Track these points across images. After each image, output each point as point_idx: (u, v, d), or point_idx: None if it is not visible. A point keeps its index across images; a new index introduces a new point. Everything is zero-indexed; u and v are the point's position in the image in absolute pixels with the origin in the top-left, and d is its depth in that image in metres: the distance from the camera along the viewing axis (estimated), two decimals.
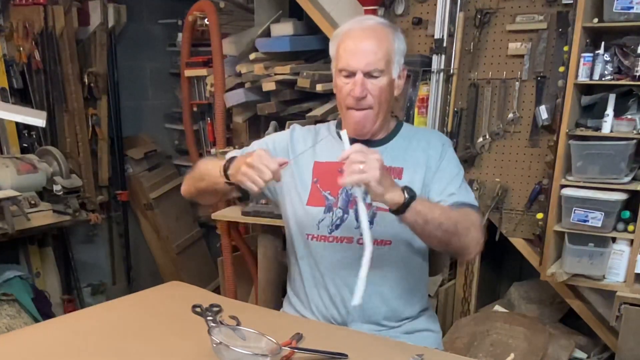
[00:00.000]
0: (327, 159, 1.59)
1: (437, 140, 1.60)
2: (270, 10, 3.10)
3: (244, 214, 2.67)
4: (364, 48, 1.47)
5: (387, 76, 1.49)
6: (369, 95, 1.48)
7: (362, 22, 1.53)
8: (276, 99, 2.93)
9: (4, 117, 2.78)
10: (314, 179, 1.58)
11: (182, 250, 3.93)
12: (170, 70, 4.01)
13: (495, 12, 2.38)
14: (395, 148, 1.58)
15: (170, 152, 4.11)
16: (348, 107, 1.51)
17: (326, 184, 1.57)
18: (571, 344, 2.36)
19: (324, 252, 1.55)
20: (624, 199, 2.07)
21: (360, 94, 1.47)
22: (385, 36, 1.49)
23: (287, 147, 1.63)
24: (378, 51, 1.47)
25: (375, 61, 1.46)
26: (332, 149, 1.59)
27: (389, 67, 1.49)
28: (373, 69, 1.47)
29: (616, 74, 2.09)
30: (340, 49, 1.51)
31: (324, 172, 1.58)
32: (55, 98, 3.21)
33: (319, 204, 1.56)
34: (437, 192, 1.52)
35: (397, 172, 1.55)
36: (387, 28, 1.52)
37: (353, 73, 1.48)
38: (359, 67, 1.46)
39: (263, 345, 1.22)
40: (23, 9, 3.08)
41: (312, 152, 1.60)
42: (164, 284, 1.78)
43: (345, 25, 1.54)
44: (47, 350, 1.31)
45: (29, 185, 2.70)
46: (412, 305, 1.60)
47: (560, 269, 2.19)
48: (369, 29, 1.50)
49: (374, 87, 1.48)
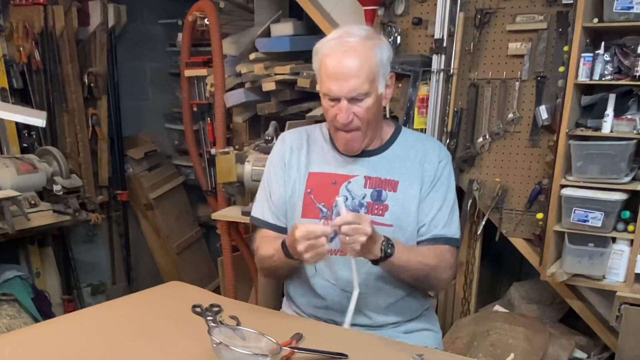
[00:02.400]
0: (321, 169, 1.57)
1: (434, 155, 1.57)
2: (270, 10, 3.10)
3: (244, 214, 2.67)
4: (345, 73, 1.41)
5: (373, 95, 1.45)
6: (355, 119, 1.46)
7: (342, 40, 1.44)
8: (276, 99, 2.94)
9: (4, 117, 2.78)
10: (308, 189, 1.57)
11: (182, 250, 3.92)
12: (170, 70, 4.00)
13: (495, 12, 2.38)
14: (392, 158, 1.56)
15: (170, 152, 4.11)
16: (336, 128, 1.50)
17: (320, 195, 1.55)
18: (571, 344, 2.36)
19: (320, 264, 1.53)
20: (624, 199, 2.07)
21: (345, 120, 1.44)
22: (367, 54, 1.42)
23: (282, 160, 1.62)
24: (360, 74, 1.41)
25: (359, 86, 1.41)
26: (326, 157, 1.58)
27: (373, 85, 1.44)
28: (356, 95, 1.42)
29: (616, 74, 2.08)
30: (321, 71, 1.46)
31: (318, 183, 1.56)
32: (55, 98, 3.21)
33: (313, 216, 1.54)
34: (424, 215, 1.53)
35: (393, 185, 1.53)
36: (368, 42, 1.44)
37: (337, 99, 1.44)
38: (342, 94, 1.42)
39: (263, 345, 1.23)
40: (23, 9, 3.08)
41: (306, 160, 1.59)
42: (164, 284, 1.79)
43: (325, 41, 1.47)
44: (47, 350, 1.31)
45: (29, 185, 2.70)
46: (412, 306, 1.60)
47: (560, 269, 2.19)
48: (350, 50, 1.41)
49: (360, 110, 1.45)
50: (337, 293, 1.54)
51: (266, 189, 1.64)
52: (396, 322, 1.58)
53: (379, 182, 1.53)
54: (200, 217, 4.07)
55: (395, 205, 1.52)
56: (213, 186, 3.35)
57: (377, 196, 1.52)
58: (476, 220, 2.55)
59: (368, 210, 1.51)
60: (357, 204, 1.52)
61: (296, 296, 1.64)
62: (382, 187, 1.53)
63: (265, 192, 1.64)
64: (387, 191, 1.52)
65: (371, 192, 1.53)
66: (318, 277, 1.56)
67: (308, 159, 1.59)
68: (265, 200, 1.63)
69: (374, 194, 1.53)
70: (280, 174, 1.60)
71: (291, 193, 1.58)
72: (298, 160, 1.60)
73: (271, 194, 1.62)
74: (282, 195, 1.60)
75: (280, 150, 1.64)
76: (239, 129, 3.25)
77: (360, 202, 1.53)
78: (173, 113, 4.02)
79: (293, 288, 1.65)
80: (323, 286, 1.55)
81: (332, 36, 1.47)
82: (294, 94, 2.91)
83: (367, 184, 1.54)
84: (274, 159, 1.65)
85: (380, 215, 1.51)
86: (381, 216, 1.51)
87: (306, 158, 1.59)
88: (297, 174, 1.58)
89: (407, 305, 1.58)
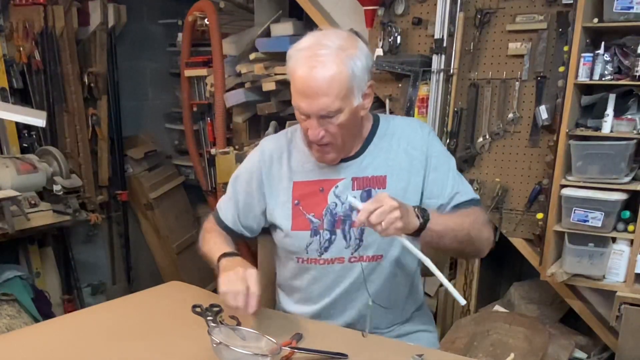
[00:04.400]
0: (305, 177, 1.51)
1: (417, 137, 1.51)
2: (270, 10, 3.10)
3: None
4: (314, 91, 1.32)
5: (346, 110, 1.36)
6: (326, 136, 1.38)
7: (312, 53, 1.33)
8: (276, 99, 2.94)
9: (4, 117, 2.78)
10: (295, 201, 1.51)
11: (182, 250, 3.92)
12: (170, 70, 4.00)
13: (495, 12, 2.38)
14: (375, 154, 1.50)
15: (170, 152, 4.11)
16: (309, 141, 1.44)
17: (309, 205, 1.49)
18: (571, 344, 2.36)
19: (316, 274, 1.52)
20: (624, 199, 2.07)
21: (315, 137, 1.38)
22: (338, 67, 1.31)
23: (260, 173, 1.55)
24: (330, 92, 1.31)
25: (329, 104, 1.32)
26: (308, 164, 1.51)
27: (347, 100, 1.35)
28: (327, 113, 1.34)
29: (616, 74, 2.08)
30: (292, 83, 1.37)
31: (304, 192, 1.50)
32: (55, 98, 3.21)
33: (304, 227, 1.49)
34: (437, 196, 1.48)
35: (381, 181, 1.48)
36: (341, 54, 1.32)
37: (307, 115, 1.37)
38: (311, 112, 1.35)
39: (263, 345, 1.22)
40: (23, 9, 3.07)
41: (288, 170, 1.52)
42: (164, 284, 1.78)
43: (296, 49, 1.37)
44: (47, 350, 1.31)
45: (29, 185, 2.70)
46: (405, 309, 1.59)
47: (560, 269, 2.19)
48: (319, 65, 1.31)
49: (332, 127, 1.37)
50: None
51: (235, 192, 1.60)
52: (389, 327, 1.56)
53: (366, 182, 1.48)
54: (200, 217, 4.07)
55: None
56: (213, 186, 3.35)
57: (367, 196, 1.46)
58: None
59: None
60: (348, 208, 1.47)
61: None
62: (371, 186, 1.48)
63: (234, 194, 1.60)
64: (376, 189, 1.48)
65: (360, 193, 1.48)
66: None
67: (290, 167, 1.52)
68: (232, 202, 1.60)
69: (363, 195, 1.47)
70: (255, 186, 1.55)
71: (275, 205, 1.53)
72: (279, 170, 1.53)
73: (238, 201, 1.58)
74: (251, 206, 1.57)
75: (259, 161, 1.56)
76: (239, 129, 3.25)
77: (351, 206, 1.46)
78: (173, 113, 4.02)
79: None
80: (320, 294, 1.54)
81: (303, 44, 1.37)
82: None
83: (355, 186, 1.48)
84: (249, 168, 1.58)
85: None
86: None
87: (288, 167, 1.52)
88: (281, 185, 1.52)
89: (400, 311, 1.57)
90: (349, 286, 1.50)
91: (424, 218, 1.31)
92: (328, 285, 1.52)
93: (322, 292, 1.53)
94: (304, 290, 1.56)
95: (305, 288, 1.55)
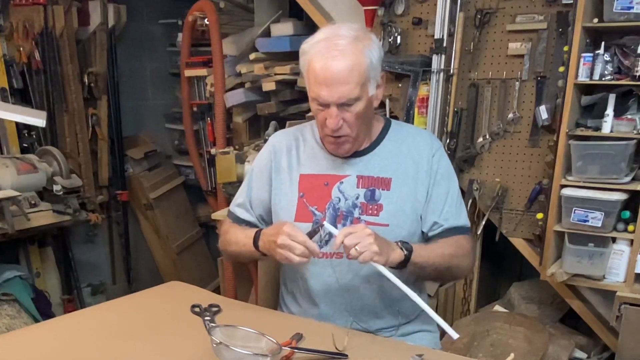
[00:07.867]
0: (312, 170, 1.54)
1: (427, 148, 1.53)
2: (270, 10, 3.10)
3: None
4: (334, 79, 1.35)
5: (363, 98, 1.40)
6: (344, 126, 1.42)
7: (330, 43, 1.37)
8: (276, 99, 2.94)
9: (4, 117, 2.78)
10: (300, 193, 1.53)
11: (182, 250, 3.92)
12: (170, 70, 4.00)
13: (495, 12, 2.38)
14: (383, 155, 1.52)
15: (170, 152, 4.11)
16: (325, 134, 1.48)
17: (313, 198, 1.52)
18: (571, 344, 2.36)
19: (314, 268, 1.52)
20: (624, 199, 2.07)
21: (335, 126, 1.41)
22: (357, 57, 1.36)
23: (270, 166, 1.59)
24: (350, 79, 1.36)
25: (349, 91, 1.37)
26: (316, 158, 1.55)
27: (364, 89, 1.39)
28: (347, 100, 1.38)
29: (616, 74, 2.08)
30: (309, 74, 1.41)
31: (310, 185, 1.53)
32: (55, 98, 3.21)
33: (306, 219, 1.51)
34: (433, 212, 1.51)
35: (386, 183, 1.50)
36: (358, 44, 1.37)
37: (326, 104, 1.40)
38: (332, 100, 1.38)
39: (263, 345, 1.22)
40: (23, 9, 3.08)
41: (297, 162, 1.56)
42: (164, 284, 1.78)
43: (312, 42, 1.41)
44: (47, 350, 1.31)
45: (29, 185, 2.70)
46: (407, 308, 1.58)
47: (560, 269, 2.19)
48: (339, 55, 1.35)
49: (350, 116, 1.41)
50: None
51: (249, 188, 1.63)
52: (392, 326, 1.56)
53: (371, 181, 1.50)
54: (200, 217, 4.07)
55: (389, 204, 1.49)
56: (213, 186, 3.35)
57: (371, 196, 1.49)
58: (476, 220, 2.54)
59: (362, 211, 1.49)
60: (351, 205, 1.49)
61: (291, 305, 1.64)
62: (375, 186, 1.50)
63: (248, 191, 1.63)
64: (380, 190, 1.49)
65: (364, 191, 1.49)
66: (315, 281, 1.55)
67: (298, 160, 1.56)
68: (246, 196, 1.63)
69: (367, 194, 1.49)
70: (265, 179, 1.59)
71: (282, 196, 1.56)
72: (289, 162, 1.57)
73: (252, 197, 1.62)
74: (263, 199, 1.60)
75: (269, 153, 1.61)
76: (239, 129, 3.25)
77: (354, 203, 1.49)
78: (173, 113, 4.02)
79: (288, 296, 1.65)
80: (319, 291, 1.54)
81: (319, 37, 1.40)
82: (294, 94, 2.91)
83: (360, 184, 1.50)
84: (259, 163, 1.63)
85: (375, 215, 1.48)
86: (376, 216, 1.48)
87: (296, 159, 1.56)
88: (288, 177, 1.56)
89: (402, 308, 1.56)
90: (348, 283, 1.50)
91: (408, 250, 1.37)
92: (328, 281, 1.52)
93: (323, 288, 1.53)
94: (305, 286, 1.56)
95: (307, 284, 1.55)
